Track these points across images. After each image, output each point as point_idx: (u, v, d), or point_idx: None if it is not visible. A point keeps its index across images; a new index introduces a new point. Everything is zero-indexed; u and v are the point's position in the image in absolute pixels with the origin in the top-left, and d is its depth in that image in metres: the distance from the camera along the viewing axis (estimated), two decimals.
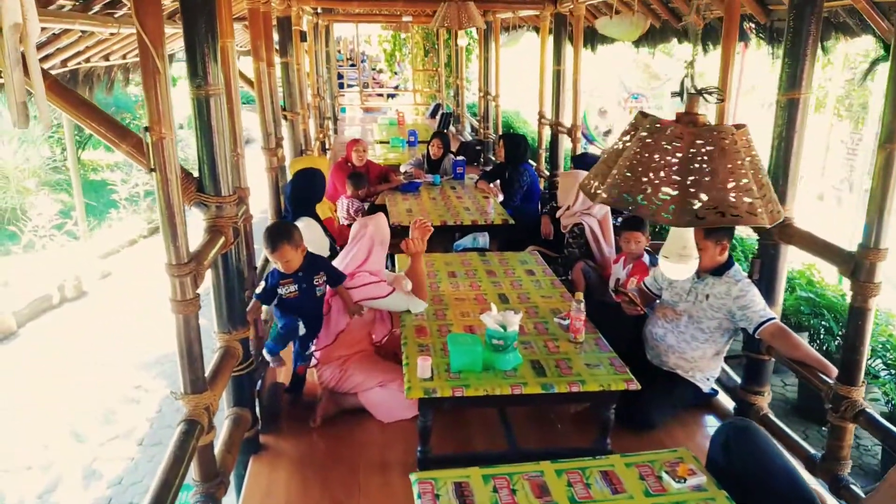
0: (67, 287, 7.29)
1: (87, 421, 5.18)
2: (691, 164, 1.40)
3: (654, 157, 1.43)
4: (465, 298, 3.71)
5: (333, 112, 13.34)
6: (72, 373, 5.93)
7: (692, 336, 3.28)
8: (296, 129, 6.14)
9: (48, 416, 5.23)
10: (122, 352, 6.16)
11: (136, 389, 5.59)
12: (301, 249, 3.16)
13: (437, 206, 5.72)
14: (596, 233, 4.68)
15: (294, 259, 3.12)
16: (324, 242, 4.53)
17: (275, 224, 3.29)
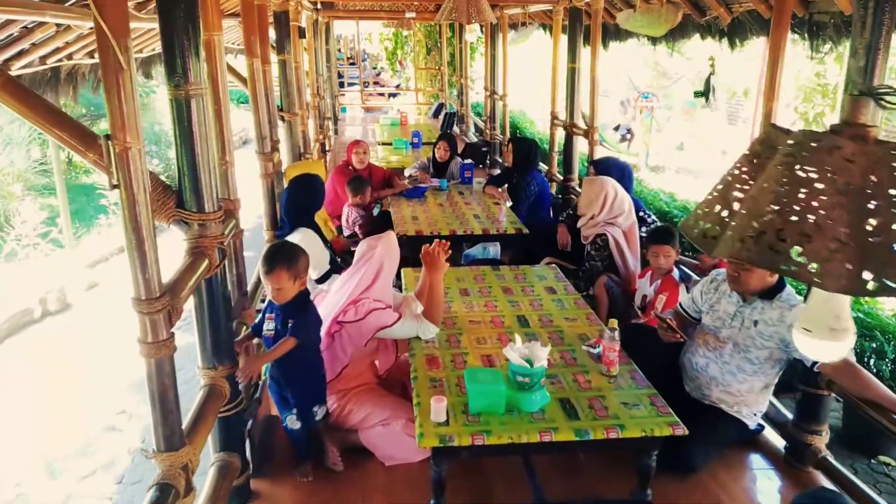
0: (50, 299, 6.85)
1: (64, 451, 4.77)
2: (869, 200, 0.96)
3: (814, 188, 0.99)
4: (481, 321, 3.34)
5: (334, 112, 12.96)
6: (50, 396, 5.52)
7: (738, 367, 2.91)
8: (294, 131, 5.77)
9: (23, 446, 4.82)
10: (106, 372, 5.74)
11: (118, 415, 5.16)
12: (300, 283, 2.75)
13: (445, 214, 5.35)
14: (621, 244, 4.31)
15: (287, 289, 2.71)
16: (323, 256, 4.16)
17: (281, 243, 2.90)
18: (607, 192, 4.36)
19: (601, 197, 4.37)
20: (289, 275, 2.67)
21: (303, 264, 2.74)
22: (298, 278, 2.72)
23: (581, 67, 5.92)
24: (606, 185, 4.39)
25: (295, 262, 2.70)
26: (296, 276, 2.70)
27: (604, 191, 4.37)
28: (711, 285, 3.12)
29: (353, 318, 2.91)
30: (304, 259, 2.75)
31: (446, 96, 15.04)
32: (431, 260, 3.12)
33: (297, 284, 2.72)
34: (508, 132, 9.37)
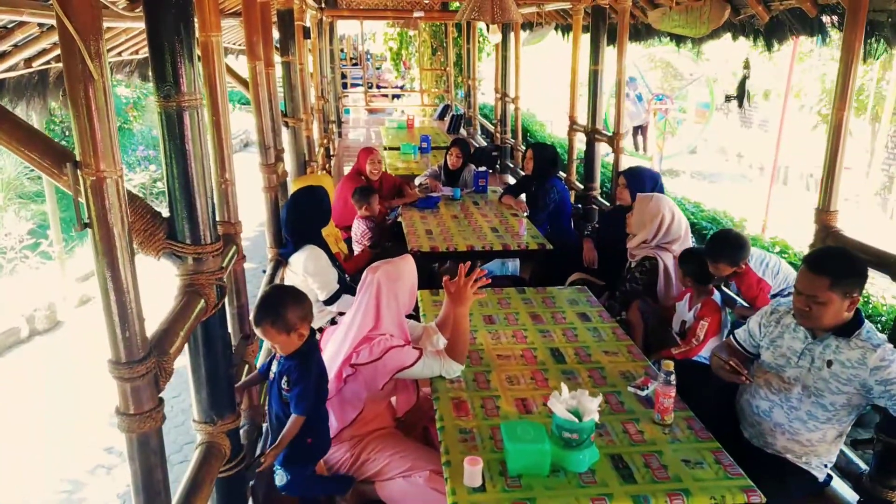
0: (38, 317, 6.44)
1: (46, 497, 4.37)
2: None
3: None
4: (510, 355, 2.99)
5: (338, 114, 12.61)
6: (35, 427, 5.11)
7: (809, 414, 2.55)
8: (298, 138, 5.42)
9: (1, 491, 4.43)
10: (96, 399, 5.33)
11: (107, 453, 4.75)
12: (296, 335, 2.38)
13: (461, 227, 4.99)
14: (670, 270, 3.91)
15: (283, 343, 2.37)
16: (330, 275, 3.82)
17: (274, 289, 2.54)
18: (664, 214, 3.95)
19: (656, 220, 3.95)
20: (276, 330, 2.33)
21: (294, 316, 2.37)
22: (293, 331, 2.36)
23: (604, 70, 5.58)
24: (663, 206, 3.98)
25: (282, 316, 2.34)
26: (288, 330, 2.35)
27: (660, 214, 3.95)
28: (772, 317, 2.76)
29: (368, 359, 2.56)
30: (295, 310, 2.38)
31: (452, 98, 14.70)
32: (458, 292, 2.75)
33: (293, 337, 2.36)
34: (521, 137, 9.00)
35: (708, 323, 3.51)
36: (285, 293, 2.45)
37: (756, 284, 3.61)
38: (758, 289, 3.60)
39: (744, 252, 3.53)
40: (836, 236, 2.82)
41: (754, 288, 3.60)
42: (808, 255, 2.56)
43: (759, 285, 3.62)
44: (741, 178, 13.10)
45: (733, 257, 3.50)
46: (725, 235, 3.65)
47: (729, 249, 3.51)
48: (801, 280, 2.49)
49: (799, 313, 2.55)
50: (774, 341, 2.71)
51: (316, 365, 2.42)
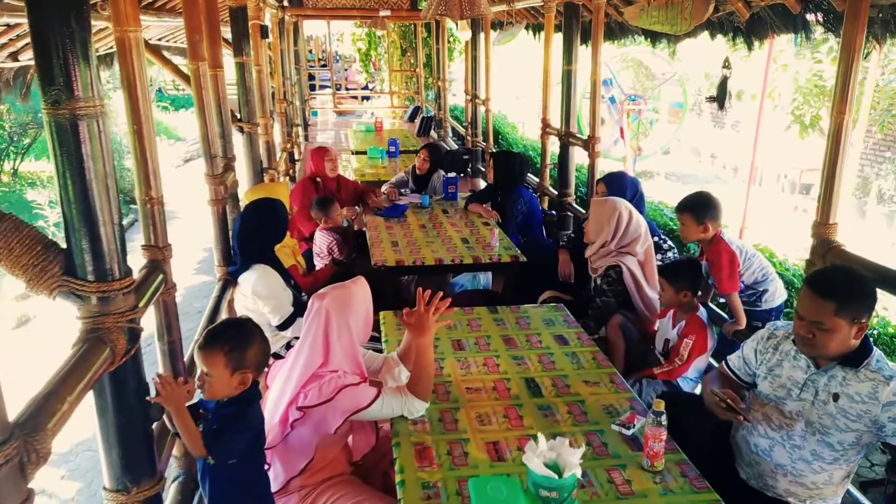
0: None
1: None
2: None
3: None
4: (481, 388, 2.68)
5: (304, 117, 12.22)
6: None
7: (814, 454, 2.28)
8: (254, 144, 5.07)
9: None
10: None
11: (38, 495, 4.34)
12: (238, 379, 2.03)
13: (429, 238, 4.68)
14: (637, 276, 3.67)
15: (219, 382, 2.00)
16: (282, 298, 3.48)
17: (237, 323, 2.19)
18: (620, 213, 3.72)
19: (613, 220, 3.73)
20: (226, 362, 1.99)
21: (253, 357, 2.05)
22: (239, 372, 2.02)
23: (577, 70, 5.32)
24: (619, 206, 3.76)
25: (242, 349, 2.02)
26: (236, 368, 2.01)
27: (616, 213, 3.73)
28: (769, 343, 2.49)
29: (318, 400, 2.23)
30: (257, 352, 2.06)
31: (422, 99, 14.39)
32: (418, 322, 2.44)
33: (234, 379, 2.02)
34: (492, 140, 8.72)
35: (693, 341, 3.26)
36: (256, 329, 2.13)
37: (728, 259, 3.35)
38: (728, 266, 3.35)
39: (710, 209, 3.41)
40: (837, 252, 2.56)
41: (724, 263, 3.34)
42: (811, 275, 2.29)
43: (731, 262, 3.36)
44: (715, 180, 13.00)
45: (697, 210, 3.40)
46: (698, 192, 3.58)
47: (698, 203, 3.44)
48: (803, 304, 2.23)
49: (801, 340, 2.28)
50: (773, 370, 2.44)
51: (255, 419, 2.08)
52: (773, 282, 3.54)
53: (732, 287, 3.38)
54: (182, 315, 2.61)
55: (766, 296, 3.52)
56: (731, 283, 3.37)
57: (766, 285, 3.51)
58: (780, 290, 3.58)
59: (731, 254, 3.33)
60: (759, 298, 3.52)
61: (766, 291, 3.52)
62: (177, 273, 2.44)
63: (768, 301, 3.53)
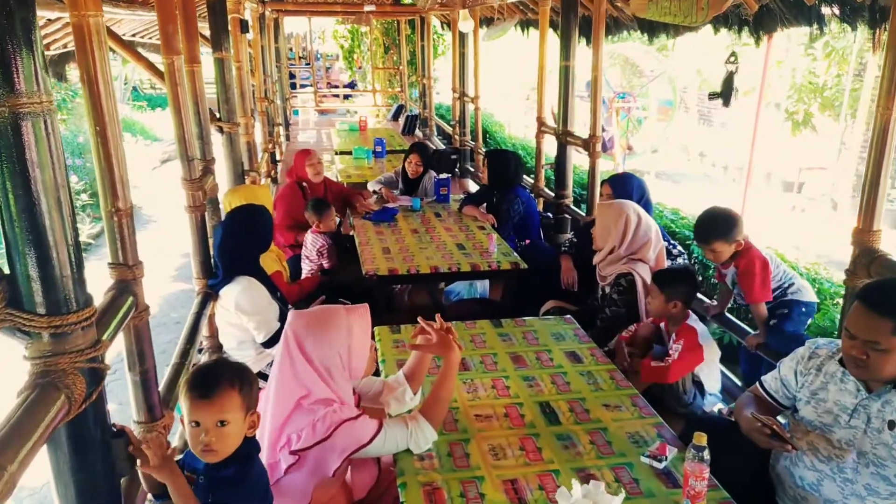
0: None
1: None
2: None
3: None
4: (492, 415, 2.42)
5: (285, 116, 11.88)
6: None
7: (868, 488, 2.05)
8: (235, 144, 4.76)
9: None
10: None
11: None
12: (252, 420, 1.72)
13: (423, 243, 4.41)
14: (648, 283, 3.43)
15: (233, 432, 1.65)
16: (268, 313, 3.20)
17: (213, 363, 1.87)
18: (628, 217, 3.49)
19: (620, 224, 3.49)
20: (243, 402, 1.66)
21: (257, 393, 1.77)
22: (251, 413, 1.71)
23: (575, 66, 5.08)
24: (626, 209, 3.52)
25: (251, 385, 1.72)
26: (249, 408, 1.70)
27: (623, 216, 3.50)
28: (811, 363, 2.26)
29: (313, 441, 1.95)
30: (257, 384, 1.78)
31: (406, 98, 14.12)
32: (444, 343, 2.25)
33: (246, 426, 1.70)
34: (481, 139, 8.46)
35: (682, 345, 3.01)
36: (232, 367, 1.77)
37: (761, 267, 3.14)
38: (762, 273, 3.14)
39: (738, 225, 3.17)
40: (883, 262, 2.33)
41: (757, 270, 3.13)
42: (866, 289, 2.06)
43: (764, 269, 3.15)
44: (705, 178, 12.86)
45: (726, 232, 3.14)
46: (712, 212, 3.28)
47: (721, 223, 3.17)
48: (856, 321, 1.99)
49: (852, 362, 2.05)
50: (816, 394, 2.21)
51: (260, 479, 1.76)
52: (798, 280, 3.32)
53: (765, 295, 3.16)
54: (158, 327, 2.34)
55: (791, 289, 3.28)
56: (763, 291, 3.15)
57: (790, 282, 3.28)
58: (808, 288, 3.34)
59: (764, 261, 3.11)
60: (785, 293, 3.27)
61: (793, 285, 3.29)
62: (153, 281, 2.15)
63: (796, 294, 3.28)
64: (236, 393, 1.64)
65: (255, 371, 3.36)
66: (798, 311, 3.24)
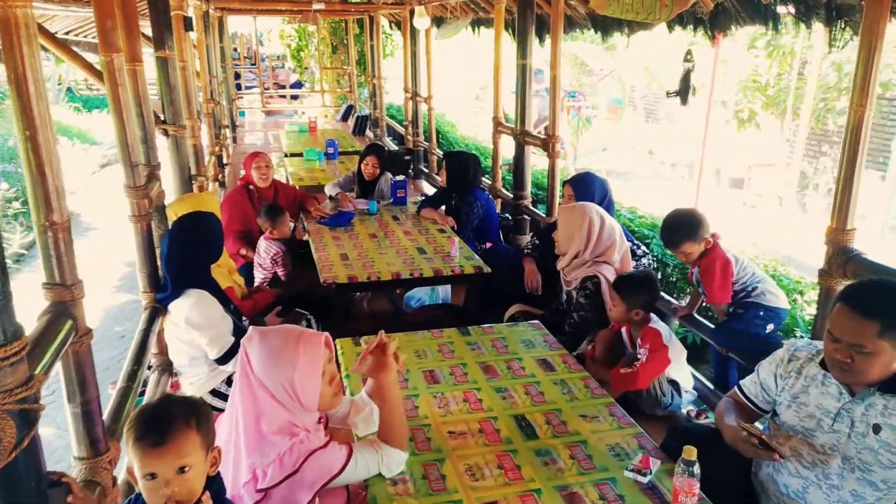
0: None
1: None
2: None
3: None
4: (466, 431, 2.30)
5: (231, 118, 11.53)
6: None
7: (854, 494, 2.00)
8: (182, 148, 4.52)
9: None
10: None
11: None
12: (213, 458, 1.56)
13: (382, 248, 4.26)
14: None
15: (199, 474, 1.49)
16: (221, 327, 3.01)
17: (161, 400, 1.65)
18: (591, 220, 3.42)
19: (584, 228, 3.42)
20: (202, 440, 1.50)
21: (213, 423, 1.60)
22: (211, 451, 1.55)
23: (532, 64, 5.01)
24: (589, 211, 3.45)
25: (208, 419, 1.55)
26: (209, 446, 1.54)
27: (586, 219, 3.42)
28: (790, 367, 2.21)
29: (281, 477, 1.79)
30: (211, 415, 1.61)
31: (355, 98, 13.90)
32: (378, 364, 2.07)
33: (208, 464, 1.54)
34: (435, 140, 8.34)
35: (647, 349, 2.96)
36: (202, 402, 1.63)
37: (721, 267, 3.11)
38: (721, 274, 3.11)
39: (703, 224, 3.14)
40: (858, 262, 2.30)
41: (717, 270, 3.10)
42: (849, 290, 2.01)
43: (725, 270, 3.12)
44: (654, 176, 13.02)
45: (693, 232, 3.13)
46: (677, 214, 3.27)
47: (687, 225, 3.16)
48: (840, 324, 1.94)
49: (835, 365, 2.00)
50: (797, 397, 2.16)
51: None
52: (765, 285, 3.26)
53: (723, 297, 3.13)
54: (100, 342, 2.13)
55: (754, 293, 3.21)
56: (722, 292, 3.11)
57: (754, 284, 3.21)
58: (779, 295, 3.27)
59: (726, 261, 3.06)
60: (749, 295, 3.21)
61: (756, 289, 3.22)
62: (94, 293, 1.95)
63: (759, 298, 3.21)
64: (193, 432, 1.47)
65: (209, 389, 3.20)
66: (754, 314, 3.18)
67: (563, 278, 3.55)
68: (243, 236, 4.72)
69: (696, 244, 3.14)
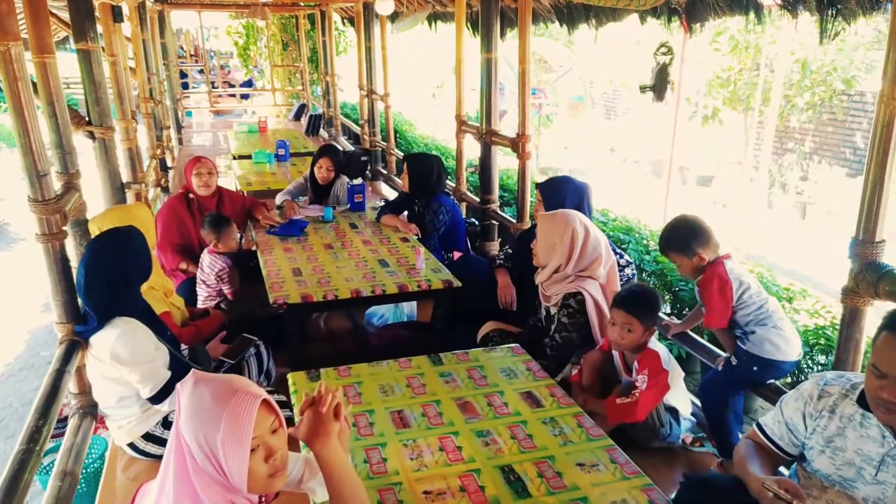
0: None
1: None
2: None
3: None
4: (446, 490, 1.93)
5: (176, 118, 10.91)
6: None
7: None
8: (111, 153, 4.04)
9: None
10: None
11: None
12: None
13: (339, 261, 3.85)
14: (601, 304, 3.04)
15: None
16: (154, 361, 2.58)
17: None
18: (574, 230, 3.07)
19: (566, 239, 3.06)
20: None
21: None
22: None
23: (497, 58, 4.66)
24: (571, 221, 3.10)
25: None
26: None
27: (569, 230, 3.07)
28: (821, 403, 1.89)
29: None
30: None
31: (308, 96, 13.39)
32: (311, 423, 1.63)
33: None
34: (393, 139, 7.94)
35: (646, 375, 2.64)
36: None
37: (718, 287, 2.70)
38: (718, 295, 2.70)
39: (698, 238, 2.75)
40: (892, 280, 1.99)
41: (713, 290, 2.71)
42: (893, 317, 1.70)
43: (722, 291, 2.70)
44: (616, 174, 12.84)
45: (683, 244, 2.77)
46: (675, 221, 2.89)
47: (678, 235, 2.80)
48: (885, 357, 1.63)
49: (881, 405, 1.69)
50: (832, 441, 1.85)
51: None
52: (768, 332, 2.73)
53: (718, 321, 2.75)
54: (24, 370, 1.71)
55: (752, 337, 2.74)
56: (717, 316, 2.74)
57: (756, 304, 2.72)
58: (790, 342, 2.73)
59: (724, 283, 2.69)
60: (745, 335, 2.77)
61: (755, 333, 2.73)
62: (20, 314, 1.50)
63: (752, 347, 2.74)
64: None
65: (142, 433, 2.75)
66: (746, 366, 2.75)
67: (542, 293, 3.20)
68: (183, 250, 4.25)
69: (684, 258, 2.80)
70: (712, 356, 3.00)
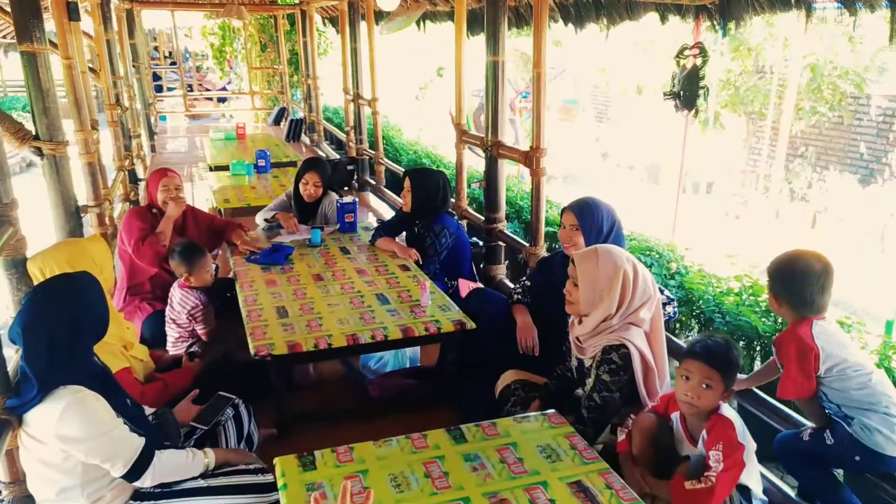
0: None
1: None
2: None
3: None
4: None
5: (149, 124, 10.27)
6: None
7: None
8: (62, 173, 3.47)
9: None
10: None
11: None
12: None
13: (331, 297, 3.32)
14: (646, 356, 2.53)
15: None
16: (117, 433, 2.07)
17: None
18: (625, 273, 2.51)
19: (617, 285, 2.49)
20: None
21: None
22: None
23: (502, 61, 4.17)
24: (620, 262, 2.53)
25: None
26: None
27: (620, 272, 2.50)
28: None
29: None
30: None
31: (288, 100, 12.81)
32: None
33: None
34: (381, 147, 7.41)
35: (721, 448, 2.14)
36: None
37: (796, 352, 2.25)
38: (797, 361, 2.25)
39: (777, 280, 2.37)
40: None
41: (791, 353, 2.26)
42: None
43: (802, 358, 2.24)
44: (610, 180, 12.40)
45: (773, 283, 2.39)
46: (790, 257, 2.39)
47: (777, 274, 2.40)
48: None
49: None
50: None
51: None
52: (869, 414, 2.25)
53: (795, 392, 2.27)
54: None
55: (855, 423, 2.25)
56: (792, 386, 2.26)
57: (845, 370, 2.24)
58: None
59: (806, 349, 2.21)
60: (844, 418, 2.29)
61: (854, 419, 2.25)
62: None
63: (865, 435, 2.24)
64: None
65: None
66: (847, 450, 2.27)
67: (575, 343, 2.69)
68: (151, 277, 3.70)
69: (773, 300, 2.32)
70: (788, 422, 2.51)
